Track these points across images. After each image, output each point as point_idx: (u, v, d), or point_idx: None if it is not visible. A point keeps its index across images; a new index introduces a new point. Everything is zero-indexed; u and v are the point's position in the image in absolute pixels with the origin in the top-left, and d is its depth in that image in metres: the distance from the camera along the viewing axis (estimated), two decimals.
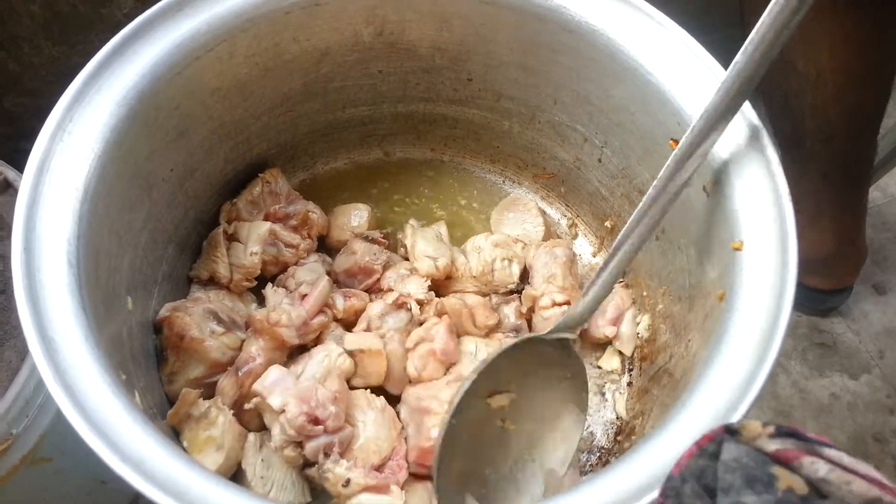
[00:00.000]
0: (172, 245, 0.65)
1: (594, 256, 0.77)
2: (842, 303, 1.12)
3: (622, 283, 0.73)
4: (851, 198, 0.98)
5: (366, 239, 0.71)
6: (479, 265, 0.70)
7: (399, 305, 0.65)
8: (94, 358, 0.43)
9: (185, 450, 0.56)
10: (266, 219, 0.70)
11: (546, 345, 0.59)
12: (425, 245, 0.69)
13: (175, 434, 0.57)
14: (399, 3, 0.65)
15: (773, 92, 0.85)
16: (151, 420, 0.43)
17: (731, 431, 0.29)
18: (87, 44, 0.54)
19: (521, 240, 0.74)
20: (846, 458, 0.27)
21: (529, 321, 0.70)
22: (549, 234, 0.77)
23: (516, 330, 0.69)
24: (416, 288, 0.66)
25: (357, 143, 0.79)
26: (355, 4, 0.64)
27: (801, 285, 1.07)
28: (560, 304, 0.67)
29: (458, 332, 0.66)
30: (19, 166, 0.75)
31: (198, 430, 0.57)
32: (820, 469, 0.26)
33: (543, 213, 0.78)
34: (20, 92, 0.91)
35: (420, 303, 0.65)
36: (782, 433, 0.29)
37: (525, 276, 0.72)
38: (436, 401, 0.60)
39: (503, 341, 0.66)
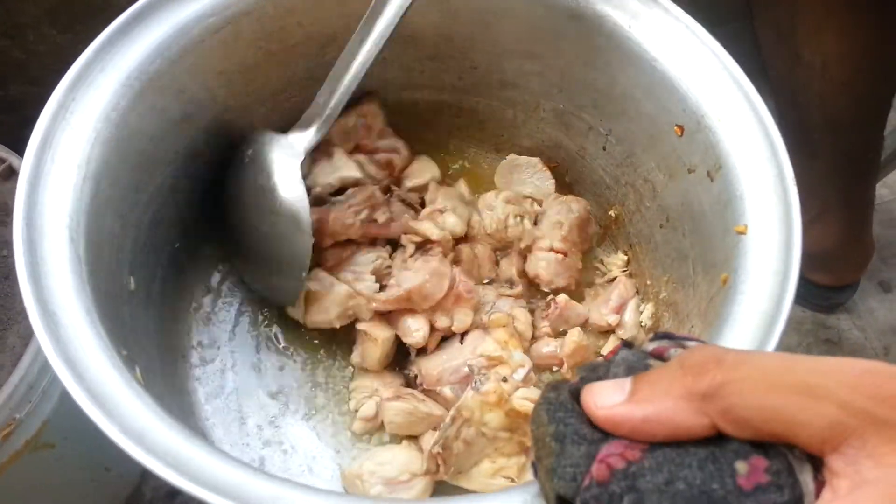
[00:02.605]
0: (176, 229, 0.65)
1: (598, 245, 0.77)
2: (847, 299, 1.11)
3: (626, 273, 0.73)
4: (858, 192, 0.97)
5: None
6: (493, 223, 0.70)
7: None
8: (95, 333, 0.43)
9: None
10: (355, 150, 0.73)
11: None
12: (445, 202, 0.70)
13: None
14: None
15: (779, 84, 0.85)
16: (154, 397, 0.43)
17: (626, 344, 0.36)
18: (92, 32, 0.54)
19: (533, 196, 0.75)
20: (700, 345, 0.33)
21: (525, 258, 0.71)
22: (560, 186, 0.78)
23: (510, 282, 0.71)
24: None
25: None
26: None
27: (806, 281, 1.07)
28: (557, 252, 0.69)
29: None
30: (24, 154, 0.76)
31: None
32: (679, 353, 0.32)
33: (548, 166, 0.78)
34: (25, 80, 0.91)
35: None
36: (658, 336, 0.35)
37: None
38: None
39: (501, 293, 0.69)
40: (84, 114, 0.51)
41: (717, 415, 0.27)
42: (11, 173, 0.79)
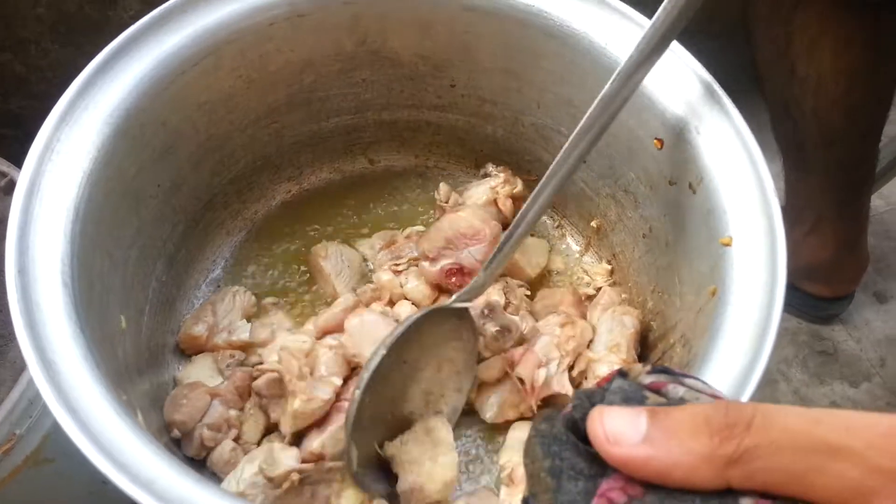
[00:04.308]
0: (161, 260, 0.65)
1: (581, 256, 0.78)
2: (843, 311, 1.12)
3: (610, 283, 0.74)
4: (853, 204, 0.98)
5: None
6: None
7: None
8: (95, 379, 0.43)
9: None
10: None
11: (450, 314, 0.60)
12: None
13: None
14: (381, 12, 0.65)
15: (774, 98, 0.86)
16: (156, 440, 0.43)
17: (622, 373, 0.34)
18: (93, 46, 0.55)
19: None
20: (700, 384, 0.32)
21: (579, 385, 0.66)
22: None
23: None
24: None
25: (342, 151, 0.79)
26: (338, 14, 0.64)
27: (802, 293, 1.09)
28: None
29: None
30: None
31: None
32: (679, 391, 0.32)
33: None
34: (26, 94, 0.91)
35: None
36: (656, 370, 0.34)
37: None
38: None
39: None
40: (69, 154, 0.50)
41: (738, 479, 0.27)
42: (13, 187, 0.77)
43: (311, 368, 0.60)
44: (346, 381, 0.61)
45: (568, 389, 0.64)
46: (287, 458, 0.56)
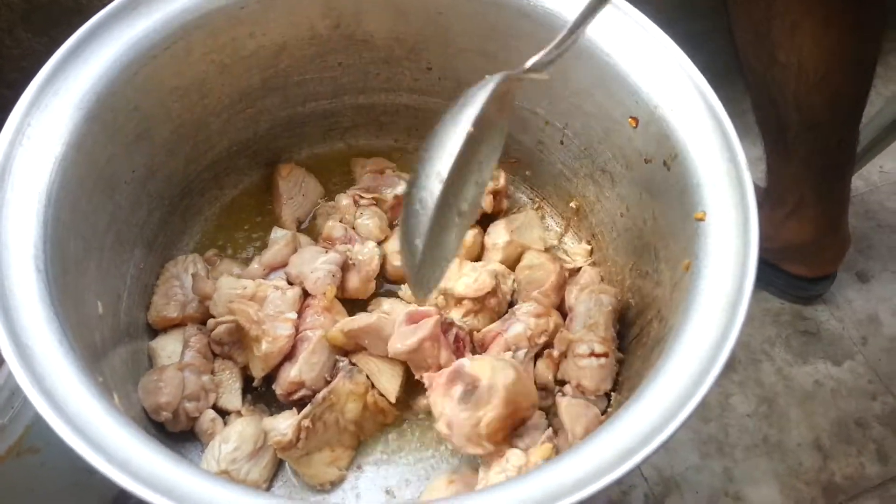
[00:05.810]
0: (139, 247, 0.65)
1: (562, 237, 0.78)
2: (825, 290, 1.13)
3: (590, 262, 0.75)
4: (834, 186, 0.99)
5: None
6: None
7: None
8: (70, 362, 0.43)
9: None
10: None
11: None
12: None
13: None
14: None
15: (755, 83, 0.86)
16: (133, 421, 0.43)
17: None
18: (67, 35, 0.55)
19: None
20: None
21: (558, 365, 0.66)
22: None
23: (545, 388, 0.65)
24: None
25: (319, 136, 0.79)
26: None
27: (784, 273, 1.10)
28: (598, 356, 0.63)
29: None
30: None
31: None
32: None
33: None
34: (0, 84, 0.89)
35: None
36: None
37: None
38: None
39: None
40: (41, 139, 0.50)
41: None
42: None
43: (261, 305, 0.63)
44: (298, 314, 0.65)
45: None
46: (283, 421, 0.59)
